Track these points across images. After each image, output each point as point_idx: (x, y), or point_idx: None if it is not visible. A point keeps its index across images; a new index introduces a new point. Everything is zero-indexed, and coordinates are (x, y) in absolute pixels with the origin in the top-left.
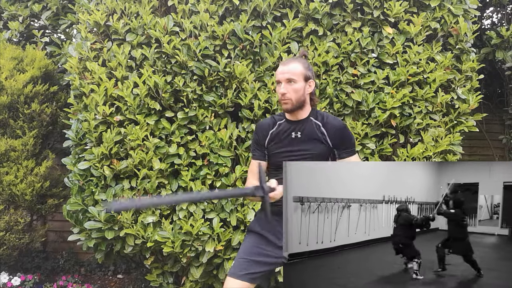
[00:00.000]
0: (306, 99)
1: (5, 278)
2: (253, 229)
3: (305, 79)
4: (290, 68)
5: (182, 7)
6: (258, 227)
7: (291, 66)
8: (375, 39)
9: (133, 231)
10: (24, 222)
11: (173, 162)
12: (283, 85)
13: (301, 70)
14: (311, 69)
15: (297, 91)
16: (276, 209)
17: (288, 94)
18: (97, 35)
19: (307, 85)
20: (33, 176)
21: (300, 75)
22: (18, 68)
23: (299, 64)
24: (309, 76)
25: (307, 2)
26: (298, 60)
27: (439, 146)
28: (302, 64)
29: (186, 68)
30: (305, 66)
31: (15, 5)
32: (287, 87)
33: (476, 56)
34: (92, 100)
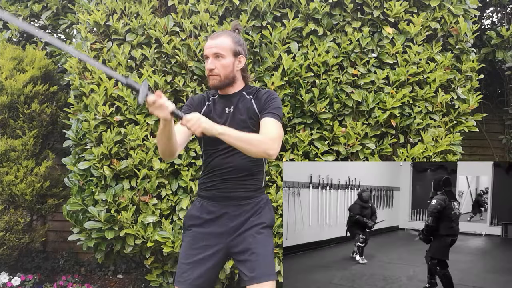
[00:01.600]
0: (237, 76)
1: (5, 278)
2: (187, 227)
3: (234, 54)
4: (217, 42)
5: (182, 7)
6: (191, 221)
7: (218, 40)
8: (375, 39)
9: (133, 231)
10: (24, 222)
11: (173, 162)
12: (210, 60)
13: (230, 44)
14: (242, 43)
15: (225, 66)
16: (210, 194)
17: (216, 69)
18: (97, 35)
19: (236, 60)
20: (33, 176)
21: (229, 50)
22: (18, 68)
23: (228, 38)
24: (238, 51)
25: (307, 2)
26: (227, 34)
27: (439, 146)
28: (231, 39)
29: (186, 68)
30: (235, 40)
31: (15, 5)
32: (215, 62)
33: (476, 56)
34: (92, 100)
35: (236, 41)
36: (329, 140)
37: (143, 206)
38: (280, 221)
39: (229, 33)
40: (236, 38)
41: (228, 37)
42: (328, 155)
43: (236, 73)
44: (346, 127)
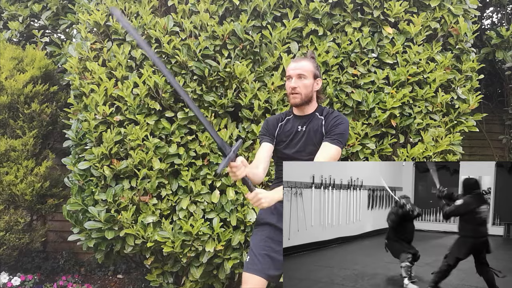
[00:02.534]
0: (313, 96)
1: (5, 278)
2: (267, 221)
3: (314, 76)
4: (301, 65)
5: (182, 7)
6: (274, 218)
7: (302, 63)
8: (375, 39)
9: (133, 231)
10: (24, 222)
11: (173, 162)
12: (293, 80)
13: (311, 68)
14: (319, 68)
15: (307, 86)
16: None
17: (298, 88)
18: (97, 35)
19: (315, 82)
20: (33, 176)
21: (310, 72)
22: (18, 68)
23: (309, 62)
24: (317, 74)
25: (307, 2)
26: (308, 59)
27: (439, 146)
28: (312, 63)
29: (186, 68)
30: (314, 65)
31: (15, 5)
32: (298, 82)
33: (476, 56)
34: (92, 100)
35: (316, 66)
36: None
37: (143, 206)
38: None
39: (309, 58)
40: (315, 63)
41: (309, 62)
42: None
43: (314, 93)
44: None
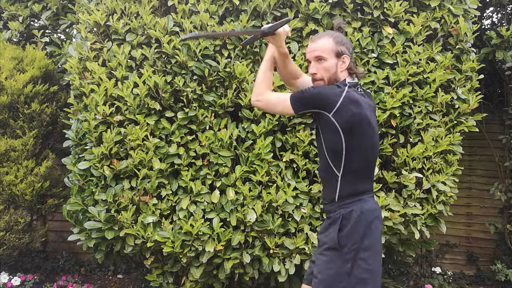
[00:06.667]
0: (340, 77)
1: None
2: (376, 247)
3: (336, 55)
4: (318, 45)
5: (182, 7)
6: (379, 243)
7: (319, 43)
8: (375, 39)
9: (133, 231)
10: (24, 222)
11: (173, 162)
12: (312, 64)
13: (331, 46)
14: (345, 42)
15: (328, 69)
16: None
17: (318, 74)
18: (97, 35)
19: (339, 61)
20: (33, 176)
21: (330, 51)
22: (18, 68)
23: (329, 39)
24: (341, 51)
25: (307, 2)
26: (328, 35)
27: (439, 146)
28: (333, 39)
29: (186, 68)
30: (336, 40)
31: (15, 5)
32: (317, 66)
33: (476, 56)
34: (92, 100)
35: (339, 41)
36: None
37: (143, 206)
38: (280, 221)
39: (330, 33)
40: (338, 38)
41: (330, 38)
42: None
43: (340, 74)
44: None
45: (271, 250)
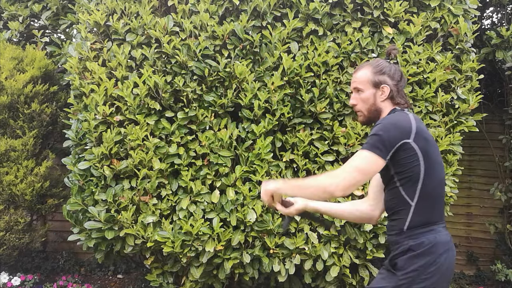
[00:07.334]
0: (381, 107)
1: (5, 278)
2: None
3: (374, 85)
4: (357, 76)
5: (182, 7)
6: (445, 283)
7: (358, 74)
8: (375, 39)
9: (133, 231)
10: (24, 222)
11: (173, 162)
12: (352, 95)
13: (368, 76)
14: (386, 71)
15: (365, 100)
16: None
17: (357, 105)
18: (97, 35)
19: (378, 91)
20: (33, 176)
21: (367, 82)
22: (18, 68)
23: (367, 69)
24: (379, 81)
25: (307, 2)
26: (368, 65)
27: (439, 146)
28: (371, 69)
29: (186, 68)
30: (375, 70)
31: (15, 5)
32: (356, 97)
33: (476, 56)
34: (92, 100)
35: (377, 71)
36: (329, 140)
37: (143, 206)
38: (280, 221)
39: (372, 63)
40: (378, 67)
41: (368, 68)
42: (328, 155)
43: (380, 104)
44: (346, 127)
45: (271, 250)
